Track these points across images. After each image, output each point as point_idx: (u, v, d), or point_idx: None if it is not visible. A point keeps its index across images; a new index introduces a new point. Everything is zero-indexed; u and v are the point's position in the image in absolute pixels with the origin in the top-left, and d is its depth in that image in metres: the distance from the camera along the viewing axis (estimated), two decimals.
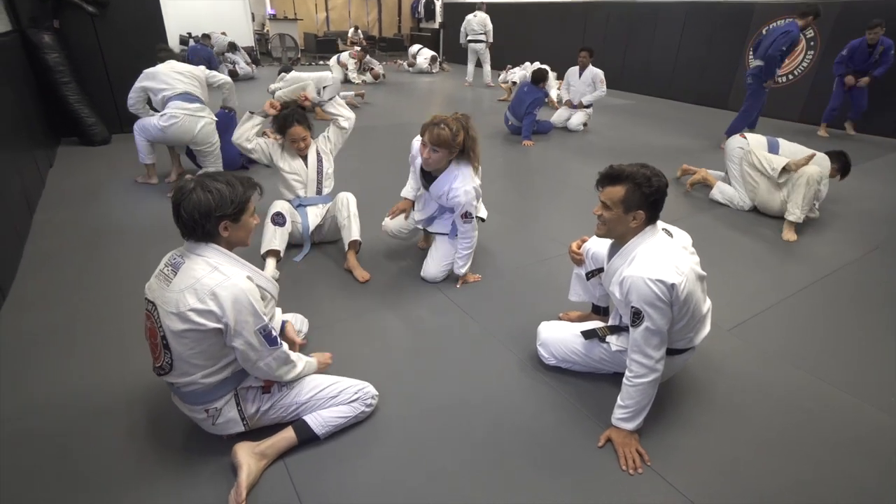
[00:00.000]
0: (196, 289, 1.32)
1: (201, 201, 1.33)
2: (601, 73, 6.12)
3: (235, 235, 1.43)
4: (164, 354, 1.38)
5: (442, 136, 2.19)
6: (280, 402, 1.56)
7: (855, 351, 2.20)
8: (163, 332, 1.36)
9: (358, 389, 1.65)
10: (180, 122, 3.54)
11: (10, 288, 2.42)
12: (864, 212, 3.85)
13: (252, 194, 1.45)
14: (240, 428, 1.52)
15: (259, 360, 1.42)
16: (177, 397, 1.51)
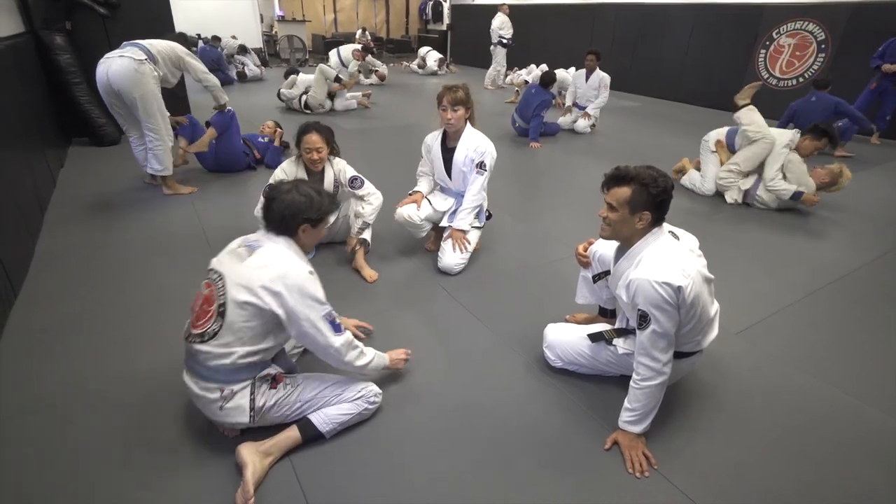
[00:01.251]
0: (269, 270, 1.44)
1: (294, 201, 1.52)
2: (607, 79, 6.10)
3: (308, 239, 1.59)
4: (214, 321, 1.44)
5: (459, 96, 2.52)
6: (285, 399, 1.55)
7: (862, 355, 2.18)
8: (223, 301, 1.44)
9: (362, 388, 1.66)
10: (105, 63, 3.31)
11: (21, 285, 2.45)
12: (875, 216, 3.82)
13: (333, 210, 1.66)
14: (244, 419, 1.50)
15: (328, 346, 1.51)
16: (192, 375, 1.51)
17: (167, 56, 3.50)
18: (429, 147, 2.76)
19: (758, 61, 7.60)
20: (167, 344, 2.05)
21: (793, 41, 7.18)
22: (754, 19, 7.52)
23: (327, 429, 1.58)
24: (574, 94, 6.40)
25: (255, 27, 12.18)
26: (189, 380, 1.52)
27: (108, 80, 3.29)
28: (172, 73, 3.59)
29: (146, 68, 3.33)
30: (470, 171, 2.65)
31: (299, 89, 6.72)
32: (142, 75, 3.31)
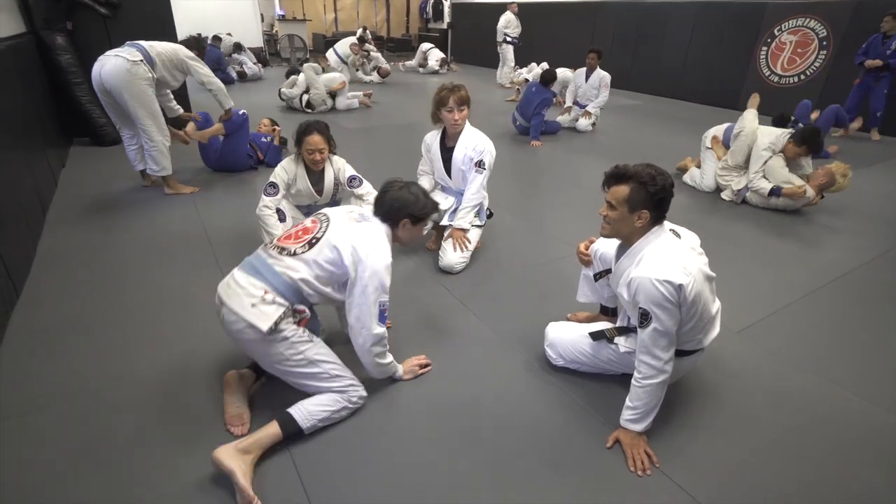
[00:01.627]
0: (365, 241, 1.64)
1: (403, 197, 1.73)
2: (608, 78, 6.10)
3: (405, 234, 1.78)
4: (302, 247, 1.64)
5: (465, 95, 2.57)
6: (296, 343, 1.59)
7: (864, 353, 2.18)
8: (320, 236, 1.65)
9: (350, 384, 1.68)
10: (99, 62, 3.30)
11: (23, 285, 2.45)
12: (876, 214, 3.81)
13: (431, 213, 1.82)
14: (264, 326, 1.52)
15: (364, 328, 1.63)
16: (245, 272, 1.62)
17: (168, 59, 3.49)
18: (428, 146, 2.76)
19: (759, 59, 7.58)
20: (168, 344, 2.05)
21: (794, 38, 7.16)
22: (756, 16, 7.50)
23: (307, 425, 1.59)
24: (574, 92, 6.39)
25: (255, 26, 12.17)
26: (237, 276, 1.62)
27: (100, 78, 3.29)
28: (173, 75, 3.58)
29: (139, 69, 3.31)
30: (469, 170, 2.65)
31: (300, 88, 6.72)
32: (133, 76, 3.29)
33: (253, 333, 1.54)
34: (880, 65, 5.64)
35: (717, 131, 4.20)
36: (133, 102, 3.35)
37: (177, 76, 3.62)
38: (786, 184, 3.65)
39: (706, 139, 4.23)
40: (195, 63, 3.62)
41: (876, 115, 6.00)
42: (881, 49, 5.68)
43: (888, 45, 5.62)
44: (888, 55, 5.62)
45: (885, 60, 5.63)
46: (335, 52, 8.82)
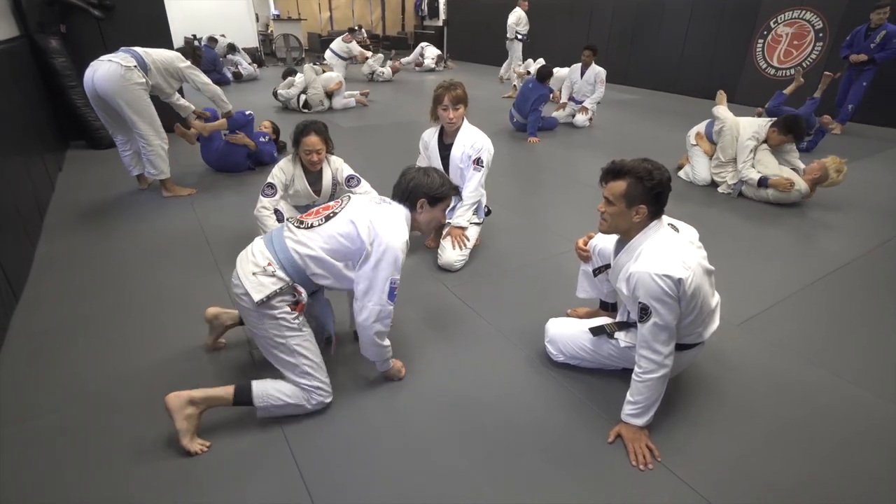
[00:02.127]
0: (383, 219, 1.66)
1: (418, 177, 1.77)
2: (603, 73, 6.10)
3: (424, 216, 1.80)
4: (320, 220, 1.67)
5: (460, 94, 2.55)
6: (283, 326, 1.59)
7: (865, 344, 2.18)
8: (338, 211, 1.69)
9: (318, 387, 1.68)
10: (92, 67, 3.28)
11: (22, 290, 2.45)
12: (874, 205, 3.81)
13: (450, 194, 1.83)
14: (257, 296, 1.54)
15: (371, 301, 1.63)
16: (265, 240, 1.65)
17: (163, 66, 3.48)
18: (426, 143, 2.76)
19: (755, 51, 7.57)
20: (168, 345, 2.05)
21: (790, 30, 7.16)
22: (752, 9, 7.50)
23: (261, 403, 1.61)
24: (570, 88, 6.39)
25: (250, 26, 12.14)
26: (255, 244, 1.67)
27: (93, 84, 3.27)
28: (168, 82, 3.56)
29: (133, 74, 3.29)
30: (467, 168, 2.64)
31: (298, 89, 6.71)
32: (127, 81, 3.27)
33: (247, 302, 1.57)
34: (865, 59, 5.55)
35: (699, 128, 4.30)
36: (128, 108, 3.34)
37: (172, 83, 3.60)
38: (773, 175, 3.68)
39: (690, 137, 4.34)
40: (191, 71, 3.61)
41: (848, 109, 5.87)
42: (864, 43, 5.58)
43: (872, 38, 5.52)
44: (872, 49, 5.52)
45: (869, 55, 5.54)
46: (331, 51, 8.82)
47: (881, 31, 5.43)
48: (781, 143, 3.73)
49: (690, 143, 4.32)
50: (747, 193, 3.87)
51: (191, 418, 1.55)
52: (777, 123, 3.70)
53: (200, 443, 1.57)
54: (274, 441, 1.61)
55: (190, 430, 1.55)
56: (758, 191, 3.77)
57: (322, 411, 1.72)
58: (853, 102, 5.80)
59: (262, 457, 1.55)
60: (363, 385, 1.87)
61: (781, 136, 3.68)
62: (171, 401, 1.55)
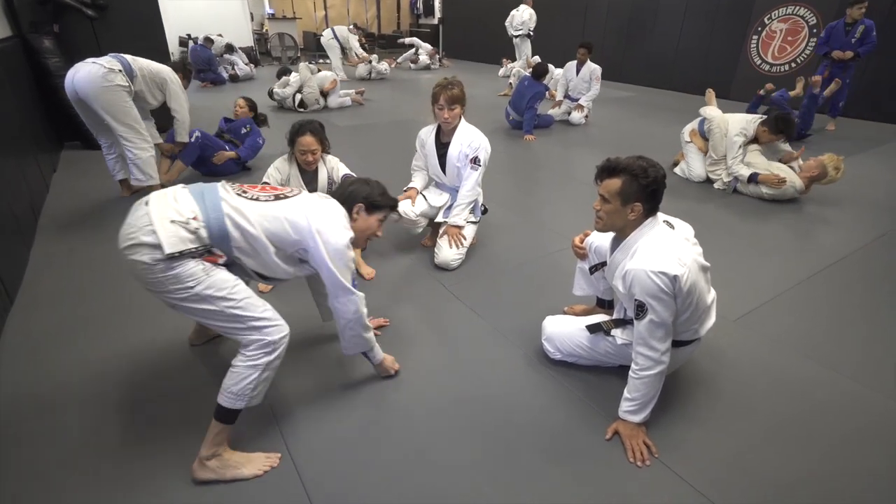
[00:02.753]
0: (324, 214, 1.58)
1: (358, 185, 1.75)
2: (598, 70, 6.10)
3: (360, 223, 1.73)
4: (267, 197, 1.55)
5: (456, 94, 2.51)
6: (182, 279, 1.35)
7: (862, 339, 2.19)
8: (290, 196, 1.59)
9: (258, 324, 1.44)
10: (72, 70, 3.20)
11: (17, 291, 2.44)
12: (870, 199, 3.83)
13: (387, 206, 1.80)
14: (165, 248, 1.30)
15: (344, 293, 1.58)
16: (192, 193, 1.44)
17: (149, 76, 3.43)
18: (423, 142, 2.75)
19: (750, 47, 7.59)
20: (165, 346, 2.05)
21: (785, 26, 7.17)
22: (746, 5, 7.51)
23: (241, 405, 1.44)
24: (565, 86, 6.39)
25: (245, 25, 12.09)
26: (180, 191, 1.45)
27: (73, 86, 3.17)
28: (153, 93, 3.50)
29: (115, 77, 3.20)
30: (464, 167, 2.64)
31: (293, 88, 6.69)
32: (109, 83, 3.18)
33: (144, 253, 1.31)
34: (852, 55, 5.42)
35: (693, 125, 4.33)
36: (110, 111, 3.23)
37: (156, 94, 3.53)
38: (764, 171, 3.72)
39: (685, 134, 4.36)
40: (175, 87, 3.55)
41: (838, 106, 5.79)
42: (845, 39, 5.46)
43: (851, 33, 5.42)
44: (853, 44, 5.41)
45: (853, 51, 5.41)
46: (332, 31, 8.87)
47: (860, 26, 5.36)
48: (771, 141, 3.75)
49: (685, 139, 4.34)
50: (742, 190, 3.89)
51: (223, 461, 1.46)
52: (767, 122, 3.71)
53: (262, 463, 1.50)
54: (271, 441, 1.61)
55: (237, 464, 1.47)
56: (754, 187, 3.78)
57: (321, 411, 1.72)
58: (843, 99, 5.75)
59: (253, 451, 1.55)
60: (360, 385, 1.87)
61: (772, 135, 3.70)
62: (197, 474, 1.46)
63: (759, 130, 3.74)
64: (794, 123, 3.76)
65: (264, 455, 1.53)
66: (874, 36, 5.33)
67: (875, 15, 5.80)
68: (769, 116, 3.75)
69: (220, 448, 1.48)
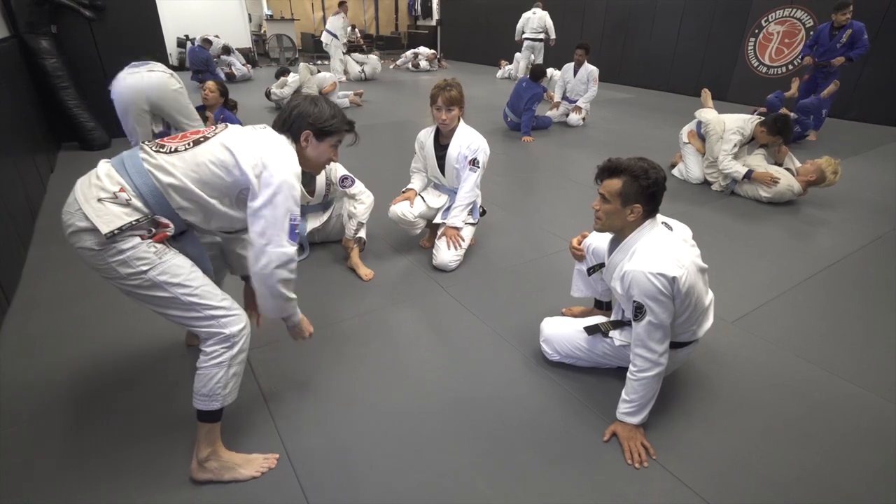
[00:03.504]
0: (265, 146, 1.40)
1: (302, 105, 1.53)
2: (596, 72, 6.11)
3: (311, 151, 1.57)
4: (184, 144, 1.37)
5: (454, 96, 2.50)
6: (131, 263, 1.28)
7: (859, 340, 2.20)
8: (209, 136, 1.40)
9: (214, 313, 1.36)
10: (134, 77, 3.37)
11: (14, 293, 2.43)
12: (866, 201, 3.84)
13: (341, 129, 1.61)
14: (102, 228, 1.24)
15: (270, 244, 1.37)
16: (113, 164, 1.34)
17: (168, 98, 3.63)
18: (422, 143, 2.75)
19: (747, 49, 7.62)
20: (162, 347, 2.04)
21: (781, 29, 7.20)
22: (743, 7, 7.54)
23: (216, 406, 1.40)
24: (563, 88, 6.40)
25: (243, 26, 12.09)
26: (100, 167, 1.33)
27: (144, 94, 3.32)
28: None
29: (177, 81, 3.45)
30: (463, 168, 2.64)
31: (291, 88, 6.70)
32: (178, 88, 3.44)
33: (87, 238, 1.26)
34: (843, 61, 5.35)
35: (691, 126, 4.34)
36: (180, 114, 3.45)
37: None
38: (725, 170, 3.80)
39: (682, 135, 4.37)
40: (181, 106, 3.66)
41: (822, 114, 5.68)
42: (830, 43, 5.43)
43: (838, 37, 5.38)
44: (839, 49, 5.37)
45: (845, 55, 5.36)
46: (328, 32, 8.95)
47: (847, 30, 5.32)
48: (769, 142, 3.75)
49: (683, 141, 4.36)
50: (739, 192, 3.89)
51: (221, 462, 1.46)
52: (766, 123, 3.71)
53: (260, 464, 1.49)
54: (269, 442, 1.61)
55: (235, 466, 1.46)
56: (752, 188, 3.79)
57: (318, 411, 1.72)
58: (826, 107, 5.65)
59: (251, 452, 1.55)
60: (358, 385, 1.87)
61: (770, 136, 3.69)
62: (195, 475, 1.45)
63: (758, 131, 3.74)
64: (792, 125, 3.76)
65: (262, 456, 1.52)
66: (865, 39, 5.29)
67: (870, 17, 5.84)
68: (768, 117, 3.75)
69: (216, 447, 1.47)
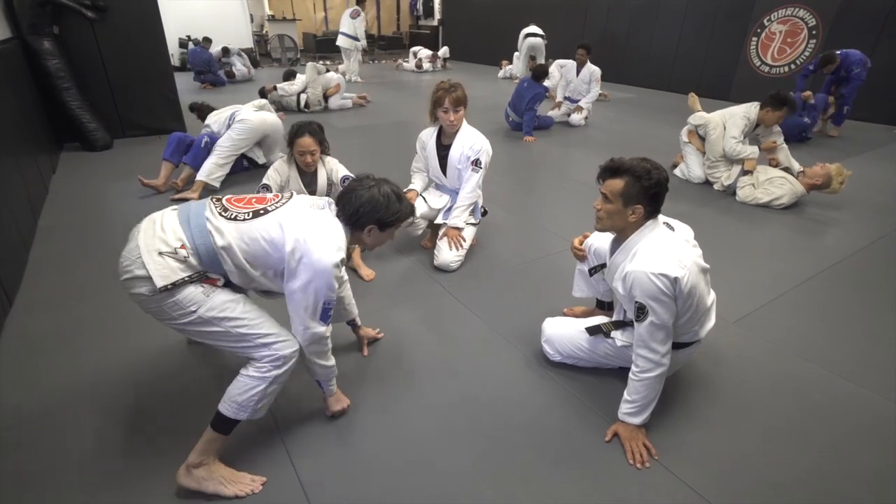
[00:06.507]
0: (314, 232, 1.41)
1: (374, 198, 1.51)
2: (598, 72, 6.11)
3: (370, 240, 1.59)
4: (245, 215, 1.42)
5: (461, 96, 2.52)
6: (182, 305, 1.35)
7: (861, 341, 2.19)
8: (270, 210, 1.45)
9: (267, 341, 1.41)
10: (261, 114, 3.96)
11: (16, 293, 2.43)
12: (869, 201, 3.83)
13: (406, 220, 1.63)
14: (158, 282, 1.29)
15: (301, 324, 1.43)
16: (181, 218, 1.40)
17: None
18: (424, 144, 2.75)
19: (749, 49, 7.60)
20: (163, 347, 2.04)
21: (784, 28, 7.19)
22: (746, 6, 7.52)
23: (244, 416, 1.41)
24: (565, 87, 6.40)
25: (244, 27, 12.10)
26: (168, 216, 1.40)
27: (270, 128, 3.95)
28: None
29: None
30: (465, 169, 2.64)
31: (298, 87, 6.74)
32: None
33: (142, 285, 1.32)
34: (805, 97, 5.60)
35: (690, 126, 4.34)
36: (278, 144, 3.91)
37: None
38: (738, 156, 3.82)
39: (683, 135, 4.36)
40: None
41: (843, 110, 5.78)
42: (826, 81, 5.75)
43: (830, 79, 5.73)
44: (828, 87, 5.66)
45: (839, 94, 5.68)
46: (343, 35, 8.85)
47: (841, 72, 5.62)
48: (778, 119, 3.72)
49: (683, 140, 4.35)
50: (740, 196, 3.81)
51: (210, 472, 1.42)
52: (768, 102, 3.69)
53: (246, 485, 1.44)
54: (270, 443, 1.61)
55: (221, 480, 1.43)
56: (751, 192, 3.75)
57: (320, 413, 1.72)
58: (848, 104, 5.73)
59: (259, 459, 1.55)
60: (360, 387, 1.86)
61: (777, 111, 3.67)
62: (179, 479, 1.42)
63: (762, 114, 3.72)
64: (792, 96, 3.75)
65: (250, 477, 1.46)
66: (857, 72, 5.48)
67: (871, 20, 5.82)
68: (767, 96, 3.72)
69: (209, 457, 1.44)
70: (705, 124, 4.04)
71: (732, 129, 3.81)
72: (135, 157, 4.57)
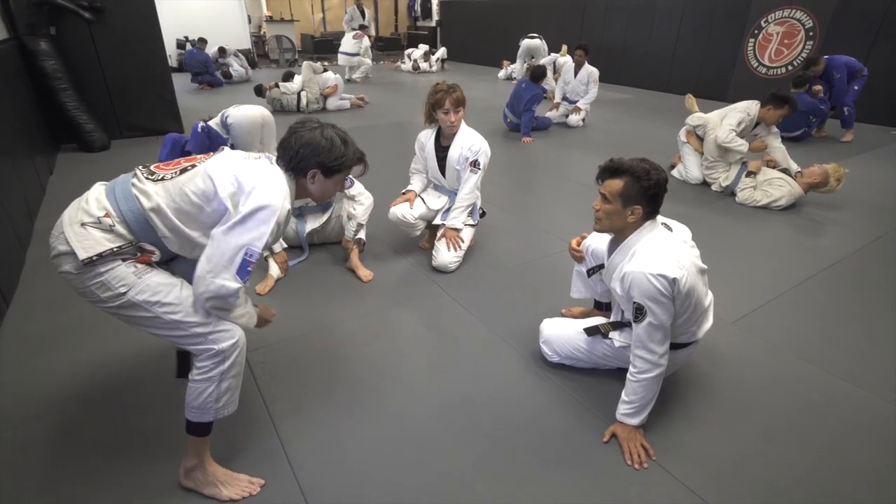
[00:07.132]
0: (252, 174, 1.29)
1: (315, 140, 1.38)
2: (596, 73, 6.12)
3: (315, 188, 1.46)
4: (172, 172, 1.31)
5: (460, 96, 2.52)
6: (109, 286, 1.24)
7: (859, 341, 2.19)
8: (194, 164, 1.32)
9: (197, 332, 1.28)
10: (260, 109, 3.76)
11: (13, 295, 2.42)
12: (867, 201, 3.84)
13: (354, 165, 1.50)
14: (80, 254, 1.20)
15: (209, 273, 1.22)
16: (103, 187, 1.32)
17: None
18: (423, 144, 2.75)
19: (747, 50, 7.62)
20: (163, 348, 2.03)
21: (781, 29, 7.20)
22: (743, 7, 7.54)
23: (208, 418, 1.35)
24: (563, 88, 6.40)
25: (242, 28, 12.09)
26: (95, 189, 1.31)
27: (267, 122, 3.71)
28: None
29: None
30: (464, 170, 2.64)
31: (297, 86, 6.76)
32: None
33: (67, 262, 1.24)
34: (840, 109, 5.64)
35: (688, 127, 4.34)
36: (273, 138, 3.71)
37: None
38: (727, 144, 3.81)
39: (681, 136, 4.37)
40: None
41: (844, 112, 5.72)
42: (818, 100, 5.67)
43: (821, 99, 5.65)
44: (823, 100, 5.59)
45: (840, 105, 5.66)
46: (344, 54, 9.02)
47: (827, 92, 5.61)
48: (779, 118, 3.72)
49: (681, 141, 4.36)
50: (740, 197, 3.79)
51: (206, 474, 1.42)
52: (769, 100, 3.69)
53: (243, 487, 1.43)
54: (269, 444, 1.60)
55: (218, 482, 1.42)
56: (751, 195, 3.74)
57: (318, 413, 1.71)
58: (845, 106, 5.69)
59: (257, 461, 1.54)
60: (358, 387, 1.86)
61: (778, 109, 3.67)
62: (182, 481, 1.43)
63: (763, 112, 3.73)
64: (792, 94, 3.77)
65: (247, 479, 1.45)
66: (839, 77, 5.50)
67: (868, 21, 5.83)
68: (768, 94, 3.73)
69: (203, 459, 1.43)
70: (704, 124, 4.05)
71: (731, 119, 3.81)
72: (132, 158, 4.56)
